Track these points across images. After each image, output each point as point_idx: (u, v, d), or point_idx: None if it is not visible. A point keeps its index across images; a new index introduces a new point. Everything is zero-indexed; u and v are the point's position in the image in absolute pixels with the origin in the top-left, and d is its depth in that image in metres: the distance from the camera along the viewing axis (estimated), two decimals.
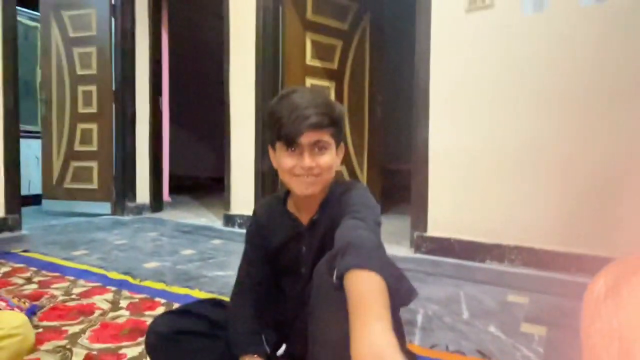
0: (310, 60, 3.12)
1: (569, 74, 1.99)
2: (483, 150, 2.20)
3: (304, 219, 0.93)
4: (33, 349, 1.10)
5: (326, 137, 0.84)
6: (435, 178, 2.33)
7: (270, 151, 0.92)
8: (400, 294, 0.62)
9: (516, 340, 1.28)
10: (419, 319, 1.44)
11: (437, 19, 2.30)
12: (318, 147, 0.84)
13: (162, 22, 3.78)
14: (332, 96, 3.23)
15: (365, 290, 0.59)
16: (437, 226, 2.33)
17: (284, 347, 0.96)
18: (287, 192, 0.97)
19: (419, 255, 2.32)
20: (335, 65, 3.29)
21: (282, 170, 0.87)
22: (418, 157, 2.37)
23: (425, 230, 2.35)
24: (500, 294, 1.69)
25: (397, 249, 2.45)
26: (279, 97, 0.87)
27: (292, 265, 0.95)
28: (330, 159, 0.85)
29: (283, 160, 0.86)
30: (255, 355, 0.90)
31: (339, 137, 0.89)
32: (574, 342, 1.27)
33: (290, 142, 0.83)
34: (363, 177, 3.46)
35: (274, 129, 0.85)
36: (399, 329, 0.86)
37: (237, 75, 3.10)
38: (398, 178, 5.52)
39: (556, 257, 2.00)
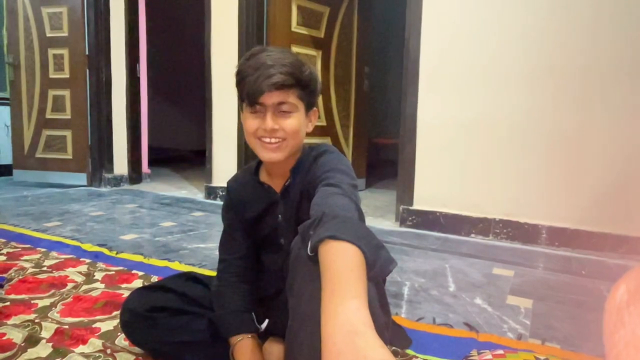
0: (296, 27, 2.99)
1: (566, 45, 1.94)
2: (472, 124, 2.15)
3: (277, 187, 0.88)
4: None
5: (292, 99, 0.78)
6: (423, 151, 2.29)
7: (241, 114, 0.86)
8: (377, 264, 0.57)
9: (502, 312, 1.27)
10: (405, 291, 1.42)
11: None
12: (283, 109, 0.78)
13: None
14: (318, 65, 3.12)
15: (338, 263, 0.54)
16: (423, 199, 2.31)
17: (266, 322, 0.91)
18: (259, 162, 0.92)
19: (404, 229, 2.30)
20: (322, 34, 3.16)
21: (247, 132, 0.81)
22: (406, 129, 2.31)
23: (411, 203, 2.33)
24: (486, 267, 1.69)
25: (382, 223, 2.42)
26: (247, 56, 0.81)
27: (270, 237, 0.90)
28: (296, 123, 0.80)
29: (247, 121, 0.81)
30: (249, 336, 0.85)
31: (309, 101, 0.83)
32: (559, 314, 1.27)
33: (252, 102, 0.77)
34: (349, 150, 3.39)
35: (238, 89, 0.80)
36: (382, 300, 0.82)
37: (219, 42, 2.95)
38: (384, 152, 5.49)
39: (541, 231, 2.01)
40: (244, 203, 0.91)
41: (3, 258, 1.64)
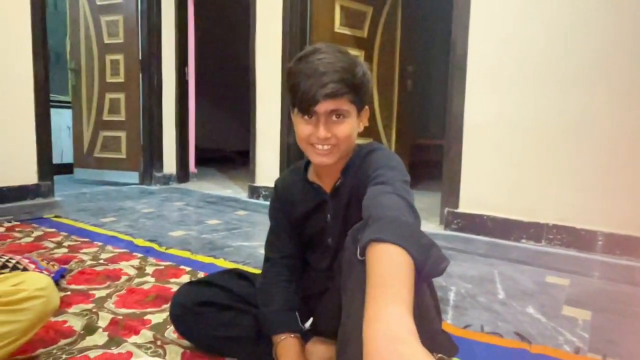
0: (339, 28, 2.98)
1: (624, 44, 1.80)
2: (522, 124, 2.05)
3: (327, 186, 0.87)
4: (57, 311, 1.10)
5: (345, 106, 0.77)
6: (470, 152, 2.21)
7: (292, 115, 0.86)
8: (427, 264, 0.55)
9: (557, 323, 1.19)
10: (451, 297, 1.37)
11: None
12: (335, 115, 0.77)
13: None
14: None
15: (381, 267, 0.53)
16: (470, 202, 2.22)
17: (310, 321, 0.91)
18: (308, 161, 0.91)
19: (449, 232, 2.23)
20: (365, 33, 3.14)
21: (299, 138, 0.81)
22: (452, 129, 2.24)
23: (456, 206, 2.25)
24: (538, 275, 1.60)
25: (426, 225, 2.36)
26: (298, 57, 0.79)
27: (317, 236, 0.90)
28: (348, 129, 0.78)
29: (299, 127, 0.80)
30: (292, 335, 0.86)
31: (361, 102, 0.81)
32: (621, 328, 1.17)
33: (305, 111, 0.76)
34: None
35: (291, 94, 0.79)
36: (434, 302, 0.79)
37: (264, 44, 3.01)
38: (427, 154, 5.36)
39: (599, 237, 1.88)
40: (291, 202, 0.92)
41: (65, 250, 1.75)
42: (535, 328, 1.16)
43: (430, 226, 2.35)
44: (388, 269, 0.52)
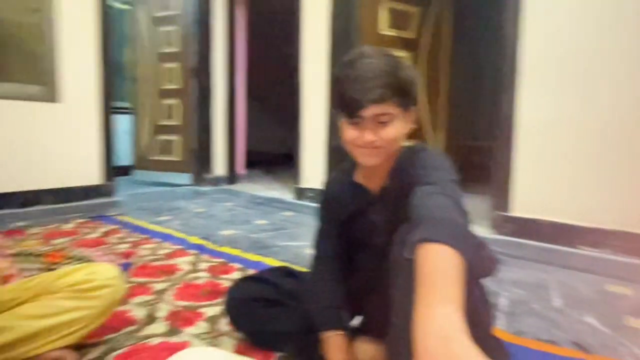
0: (386, 29, 2.98)
1: None
2: (578, 124, 1.94)
3: (374, 188, 0.88)
4: (124, 301, 1.19)
5: (390, 109, 0.77)
6: (521, 154, 2.12)
7: (338, 119, 0.88)
8: (478, 264, 0.55)
9: (620, 334, 1.13)
10: (503, 302, 1.33)
11: None
12: (381, 119, 0.78)
13: None
14: None
15: (430, 266, 0.53)
16: (521, 206, 2.13)
17: (357, 320, 0.93)
18: (354, 163, 0.92)
19: (500, 237, 2.15)
20: (412, 34, 3.11)
21: (346, 141, 0.83)
22: (502, 130, 2.17)
23: (507, 209, 2.17)
24: (597, 283, 1.51)
25: (475, 229, 2.29)
26: (344, 62, 0.81)
27: (365, 237, 0.91)
28: (394, 132, 0.79)
29: (345, 131, 0.81)
30: (339, 332, 0.88)
31: (407, 104, 0.81)
32: None
33: (351, 115, 0.78)
34: None
35: (336, 99, 0.81)
36: (485, 305, 0.78)
37: (310, 47, 3.07)
38: (477, 155, 5.18)
39: None
40: (339, 203, 0.93)
41: (127, 245, 1.89)
42: (594, 338, 1.10)
43: (480, 230, 2.28)
44: (437, 269, 0.52)
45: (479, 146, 4.92)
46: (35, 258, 1.57)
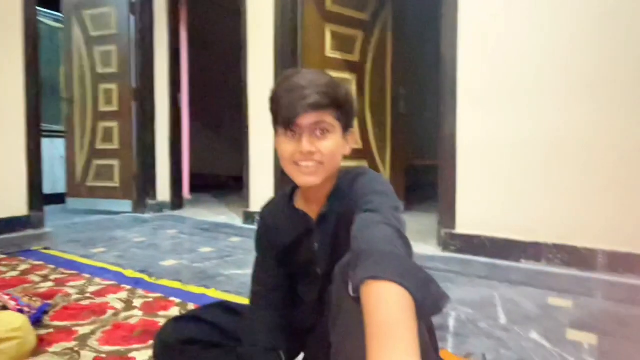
0: (330, 52, 3.02)
1: (620, 57, 1.81)
2: (515, 143, 2.04)
3: (313, 213, 0.84)
4: (36, 351, 1.04)
5: (328, 119, 0.75)
6: (465, 172, 2.19)
7: (275, 139, 0.84)
8: (428, 302, 0.52)
9: (563, 349, 1.14)
10: (451, 323, 1.32)
11: (465, 2, 2.16)
12: (319, 130, 0.75)
13: (180, 19, 3.75)
14: (353, 89, 3.11)
15: (383, 309, 0.49)
16: (467, 223, 2.19)
17: (301, 356, 0.86)
18: (294, 188, 0.88)
19: (447, 254, 2.18)
20: (356, 57, 3.18)
21: (283, 158, 0.78)
22: (445, 150, 2.23)
23: (453, 227, 2.21)
24: (540, 297, 1.55)
25: (424, 248, 2.31)
26: (280, 79, 0.80)
27: (305, 266, 0.86)
28: (332, 145, 0.76)
29: (282, 146, 0.77)
30: None
31: (346, 122, 0.79)
32: (631, 352, 1.12)
33: (288, 124, 0.75)
34: (386, 172, 3.33)
35: (273, 113, 0.79)
36: (431, 338, 0.76)
37: (255, 70, 3.03)
38: (423, 174, 5.35)
39: (600, 256, 1.83)
40: (278, 231, 0.88)
41: (51, 284, 1.69)
42: (539, 355, 1.11)
43: (428, 248, 2.30)
44: (391, 312, 0.49)
45: (426, 165, 5.08)
46: None
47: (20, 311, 1.18)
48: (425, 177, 5.22)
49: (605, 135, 1.84)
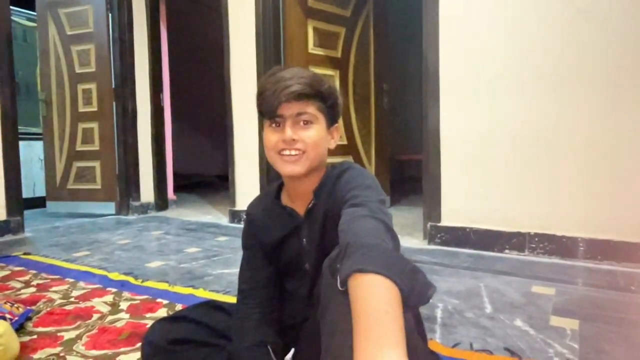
0: (312, 49, 3.01)
1: (595, 51, 1.86)
2: (498, 136, 2.08)
3: (300, 209, 0.84)
4: (19, 359, 1.02)
5: (311, 110, 0.77)
6: (448, 166, 2.22)
7: (262, 132, 0.84)
8: (414, 292, 0.53)
9: (546, 335, 1.17)
10: (438, 314, 1.34)
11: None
12: (303, 120, 0.76)
13: (160, 16, 3.69)
14: (337, 85, 3.12)
15: (370, 301, 0.50)
16: (452, 215, 2.22)
17: (292, 351, 0.86)
18: (280, 185, 0.89)
19: (433, 247, 2.21)
20: (338, 53, 3.18)
21: (267, 149, 0.80)
22: (429, 144, 2.26)
23: (439, 220, 2.24)
24: (523, 285, 1.58)
25: (410, 241, 2.34)
26: (265, 75, 0.81)
27: (294, 262, 0.86)
28: (315, 134, 0.77)
29: (267, 137, 0.79)
30: None
31: (329, 114, 0.80)
32: (610, 335, 1.16)
33: (272, 114, 0.76)
34: (371, 167, 3.35)
35: (258, 105, 0.79)
36: (419, 328, 0.77)
37: (238, 67, 3.01)
38: (408, 169, 5.41)
39: (580, 244, 1.89)
40: (264, 228, 0.88)
41: (33, 290, 1.66)
42: (524, 341, 1.14)
43: (414, 241, 2.33)
44: (378, 304, 0.49)
45: (411, 159, 5.13)
46: None
47: (2, 318, 1.15)
48: (410, 171, 5.27)
49: (582, 128, 1.89)
